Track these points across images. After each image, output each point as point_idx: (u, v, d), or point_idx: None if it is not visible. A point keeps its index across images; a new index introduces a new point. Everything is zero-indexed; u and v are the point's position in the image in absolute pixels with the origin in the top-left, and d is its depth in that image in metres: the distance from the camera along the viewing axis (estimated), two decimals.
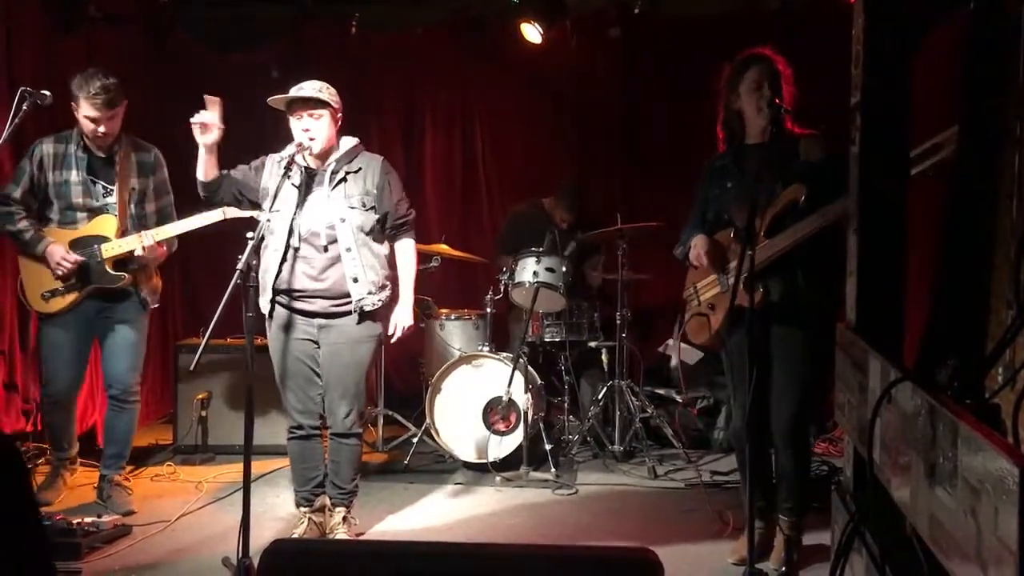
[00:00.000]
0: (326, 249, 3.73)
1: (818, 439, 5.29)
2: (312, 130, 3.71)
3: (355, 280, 3.74)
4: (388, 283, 3.91)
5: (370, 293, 3.78)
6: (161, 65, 6.43)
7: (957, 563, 1.36)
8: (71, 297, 4.16)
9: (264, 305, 3.77)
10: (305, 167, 3.79)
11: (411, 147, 6.88)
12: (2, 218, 4.15)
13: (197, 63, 6.44)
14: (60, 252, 4.07)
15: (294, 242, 3.73)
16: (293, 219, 3.72)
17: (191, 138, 3.71)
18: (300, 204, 3.74)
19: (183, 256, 6.70)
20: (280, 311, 3.82)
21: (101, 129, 4.06)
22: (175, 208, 4.39)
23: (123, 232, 4.14)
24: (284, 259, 3.73)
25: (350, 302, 3.77)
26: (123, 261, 4.14)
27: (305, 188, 3.76)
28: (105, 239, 4.12)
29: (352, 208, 3.76)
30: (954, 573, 1.39)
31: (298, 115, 3.73)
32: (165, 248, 4.28)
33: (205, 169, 3.76)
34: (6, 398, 5.01)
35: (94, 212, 4.17)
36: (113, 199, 4.16)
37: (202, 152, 3.72)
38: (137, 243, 4.09)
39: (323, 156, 3.80)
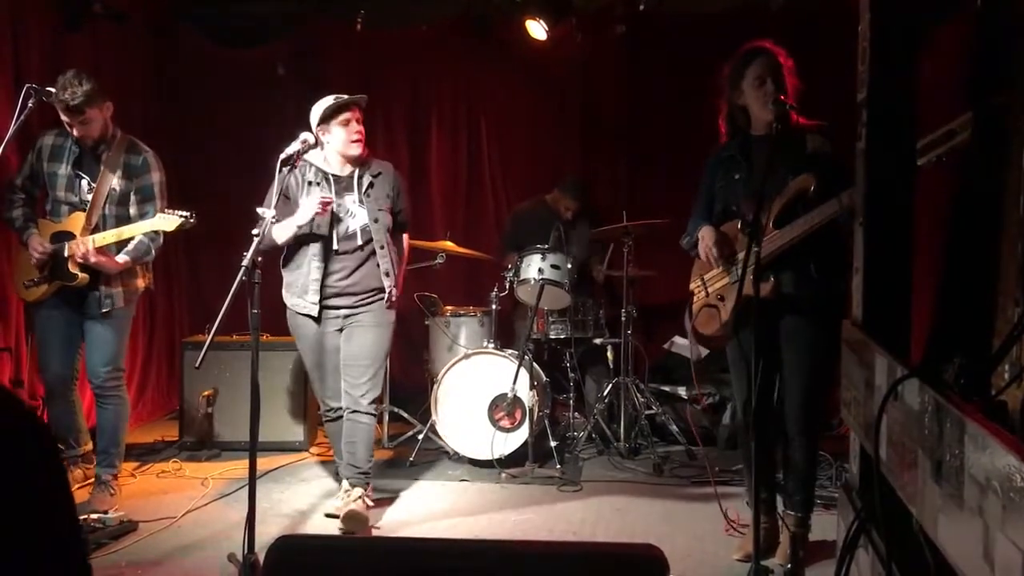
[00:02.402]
0: (360, 249, 4.02)
1: (824, 436, 5.28)
2: (362, 134, 3.99)
3: (387, 274, 4.06)
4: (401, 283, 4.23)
5: (393, 286, 4.10)
6: (166, 62, 6.44)
7: (964, 561, 1.36)
8: (43, 289, 4.22)
9: (306, 307, 4.03)
10: (332, 174, 4.01)
11: (416, 144, 6.88)
12: (4, 205, 4.28)
13: (202, 60, 6.46)
14: (37, 241, 4.16)
15: (333, 245, 3.98)
16: (331, 227, 3.97)
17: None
18: (334, 212, 3.97)
19: (190, 254, 6.76)
20: (312, 312, 4.06)
21: (75, 132, 4.12)
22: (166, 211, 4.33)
23: (91, 231, 4.15)
24: (325, 264, 3.99)
25: (376, 296, 4.07)
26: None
27: (335, 194, 3.99)
28: (72, 236, 4.15)
29: (381, 210, 4.06)
30: (961, 571, 1.39)
31: (344, 121, 3.94)
32: (125, 259, 4.16)
33: (288, 239, 3.95)
34: None
35: (74, 207, 4.21)
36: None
37: (296, 227, 3.90)
38: (86, 243, 4.07)
39: (353, 161, 4.05)
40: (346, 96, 3.98)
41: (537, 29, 5.98)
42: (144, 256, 4.27)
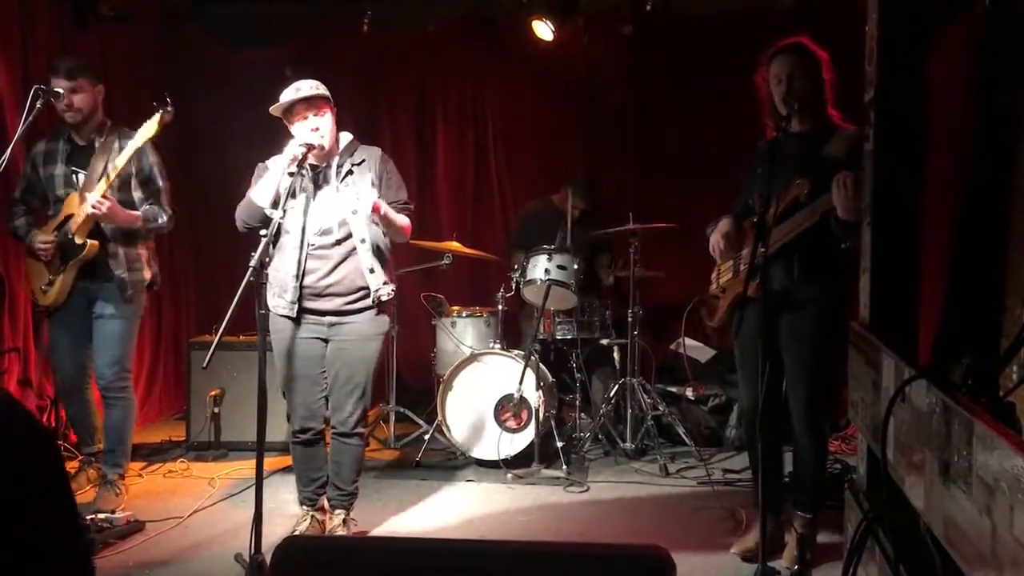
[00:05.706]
0: (339, 243, 3.70)
1: (831, 437, 5.27)
2: (321, 128, 3.68)
3: (371, 271, 3.72)
4: (394, 279, 3.89)
5: (384, 283, 3.76)
6: (173, 63, 6.45)
7: (972, 562, 1.36)
8: (60, 281, 4.19)
9: (286, 308, 3.69)
10: (310, 165, 3.75)
11: (423, 144, 6.90)
12: (7, 217, 4.33)
13: (210, 61, 6.46)
14: (40, 237, 4.19)
15: (308, 239, 3.69)
16: (305, 218, 3.69)
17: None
18: (310, 202, 3.71)
19: (197, 254, 6.78)
20: (290, 313, 3.73)
21: (75, 102, 4.11)
22: (170, 197, 4.36)
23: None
24: (302, 258, 3.68)
25: (363, 296, 3.73)
26: (93, 231, 4.12)
27: (313, 186, 3.73)
28: (72, 216, 4.15)
29: (361, 199, 3.71)
30: (969, 573, 1.38)
31: (302, 116, 3.68)
32: (136, 214, 4.18)
33: (275, 195, 3.64)
34: (21, 395, 5.04)
35: None
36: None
37: (281, 174, 3.62)
38: (87, 205, 4.02)
39: (328, 152, 3.76)
40: (297, 96, 3.66)
41: (544, 30, 5.98)
42: (154, 221, 4.26)
